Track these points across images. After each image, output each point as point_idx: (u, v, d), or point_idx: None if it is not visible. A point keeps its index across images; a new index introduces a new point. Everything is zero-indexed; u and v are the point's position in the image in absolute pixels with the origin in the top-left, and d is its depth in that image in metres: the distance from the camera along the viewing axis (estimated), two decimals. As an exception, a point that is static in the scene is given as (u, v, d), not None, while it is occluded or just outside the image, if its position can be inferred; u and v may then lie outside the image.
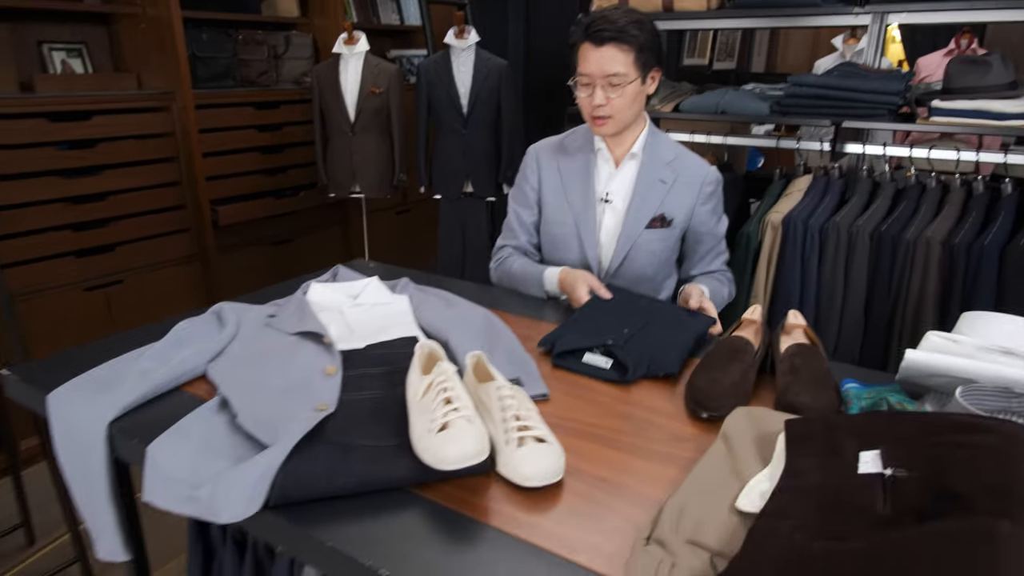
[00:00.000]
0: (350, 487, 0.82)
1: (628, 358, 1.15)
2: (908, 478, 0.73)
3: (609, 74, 1.43)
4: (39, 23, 2.73)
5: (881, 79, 1.88)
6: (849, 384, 1.04)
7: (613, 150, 1.58)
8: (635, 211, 1.56)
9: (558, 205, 1.62)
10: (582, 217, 1.59)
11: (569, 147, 1.63)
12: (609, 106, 1.45)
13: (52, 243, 2.56)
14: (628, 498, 0.85)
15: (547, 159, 1.64)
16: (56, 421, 1.02)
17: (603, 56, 1.42)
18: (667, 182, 1.56)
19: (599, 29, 1.41)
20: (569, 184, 1.61)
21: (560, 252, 1.64)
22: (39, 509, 2.28)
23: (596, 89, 1.45)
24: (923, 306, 1.80)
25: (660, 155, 1.57)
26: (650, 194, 1.56)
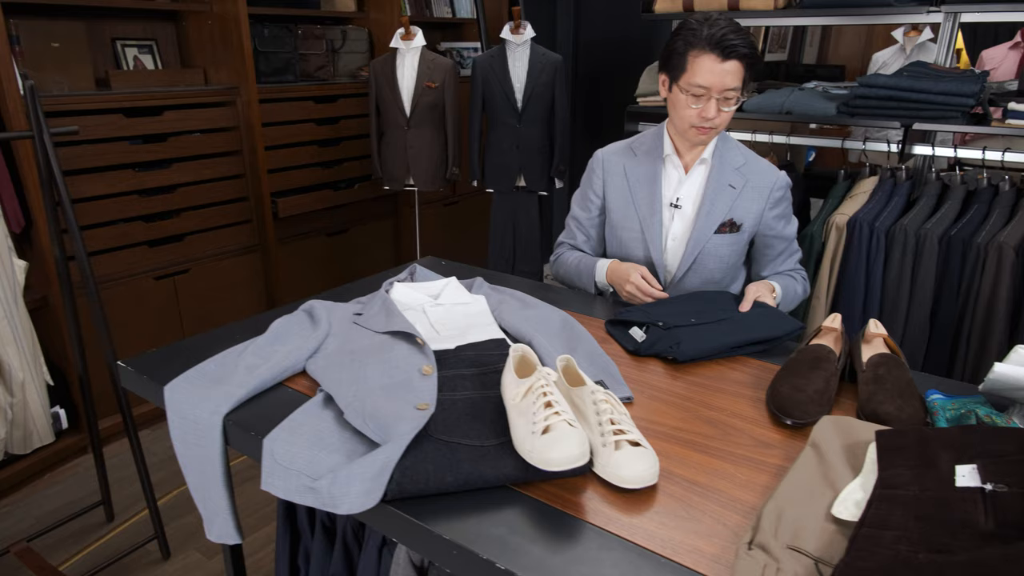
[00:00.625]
0: (458, 484, 0.88)
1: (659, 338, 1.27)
2: (1009, 493, 0.75)
3: (728, 88, 1.42)
4: (112, 20, 2.83)
5: (955, 80, 1.86)
6: (934, 395, 1.05)
7: (683, 156, 1.60)
8: (705, 216, 1.57)
9: (625, 209, 1.65)
10: (648, 221, 1.61)
11: (637, 151, 1.65)
12: (719, 118, 1.46)
13: (126, 234, 2.68)
14: (721, 502, 0.88)
15: (613, 164, 1.67)
16: (172, 411, 1.09)
17: (727, 70, 1.40)
18: (736, 187, 1.57)
19: (731, 44, 1.38)
20: (636, 188, 1.63)
21: (627, 255, 1.67)
22: (118, 486, 2.41)
23: (711, 101, 1.44)
24: (993, 313, 1.78)
25: (730, 160, 1.58)
26: (719, 199, 1.57)
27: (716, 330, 1.31)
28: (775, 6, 2.14)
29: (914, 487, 0.81)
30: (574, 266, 1.69)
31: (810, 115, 2.11)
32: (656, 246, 1.61)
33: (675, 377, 1.21)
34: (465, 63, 3.97)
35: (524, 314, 1.35)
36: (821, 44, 5.26)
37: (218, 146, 2.92)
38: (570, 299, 1.59)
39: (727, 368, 1.25)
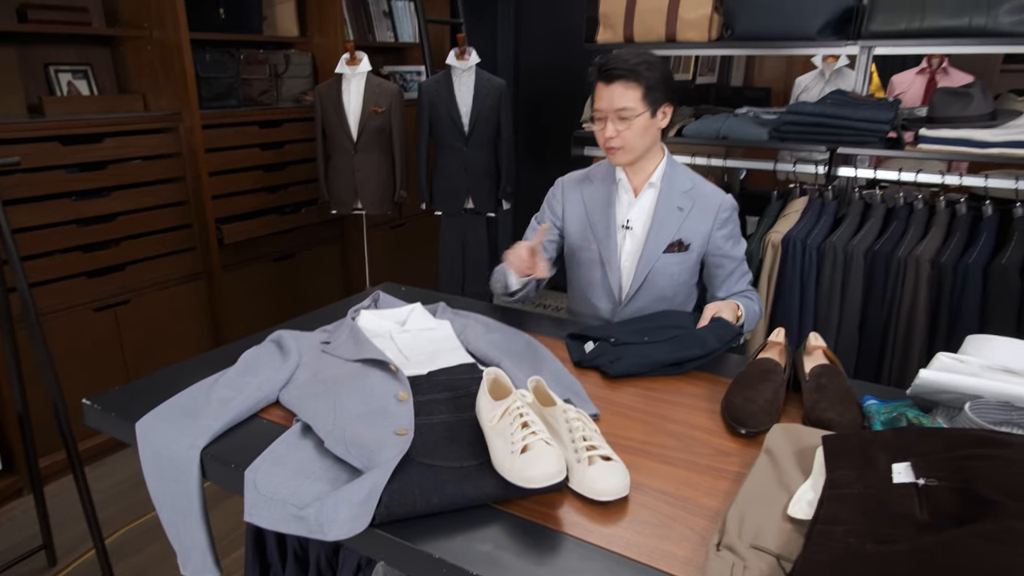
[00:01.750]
0: (443, 505, 0.91)
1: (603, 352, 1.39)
2: (939, 487, 0.84)
3: (618, 108, 1.55)
4: (45, 46, 2.76)
5: (872, 108, 2.03)
6: (869, 400, 1.16)
7: (632, 180, 1.70)
8: (654, 236, 1.67)
9: (583, 232, 1.74)
10: (604, 243, 1.70)
11: (593, 178, 1.76)
12: (619, 138, 1.58)
13: (63, 265, 2.59)
14: (688, 508, 0.95)
15: (572, 189, 1.77)
16: (146, 447, 1.09)
17: (613, 92, 1.55)
18: (684, 209, 1.67)
19: (610, 68, 1.56)
20: (592, 212, 1.72)
21: (585, 275, 1.76)
22: (60, 528, 2.31)
23: (608, 123, 1.58)
24: (914, 321, 1.94)
25: (678, 184, 1.68)
26: (668, 220, 1.67)
27: (660, 349, 1.38)
28: (708, 38, 2.29)
29: (858, 485, 0.89)
30: (500, 268, 1.72)
31: (744, 140, 2.25)
32: (612, 266, 1.70)
33: (636, 394, 1.29)
34: (408, 86, 4.01)
35: (489, 338, 1.40)
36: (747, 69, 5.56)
37: (160, 173, 2.86)
38: (531, 321, 1.65)
39: (683, 383, 1.33)
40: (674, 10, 2.31)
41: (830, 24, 2.12)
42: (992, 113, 1.97)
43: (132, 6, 2.84)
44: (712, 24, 2.29)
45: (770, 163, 2.36)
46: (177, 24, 2.76)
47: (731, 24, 2.29)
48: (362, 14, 3.83)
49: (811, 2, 2.09)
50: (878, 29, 2.06)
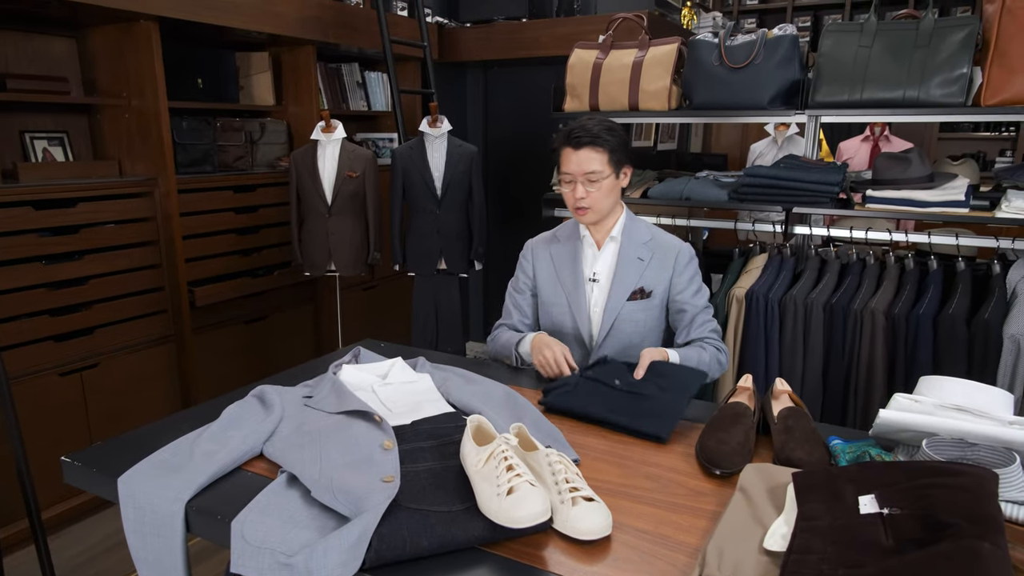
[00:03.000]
0: (432, 548, 0.93)
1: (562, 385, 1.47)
2: (902, 515, 0.90)
3: (587, 172, 1.67)
4: (21, 113, 2.80)
5: (822, 171, 2.17)
6: (835, 441, 1.22)
7: (595, 235, 1.82)
8: (617, 286, 1.77)
9: (553, 287, 1.84)
10: (573, 295, 1.80)
11: (560, 237, 1.88)
12: (589, 199, 1.70)
13: (30, 329, 2.56)
14: (669, 546, 0.99)
15: (541, 250, 1.88)
16: (128, 503, 1.08)
17: (581, 157, 1.68)
18: (644, 259, 1.78)
19: (578, 136, 1.68)
20: (561, 268, 1.83)
21: (558, 328, 1.84)
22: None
23: (577, 185, 1.70)
24: (873, 369, 2.03)
25: (637, 237, 1.80)
26: (629, 270, 1.77)
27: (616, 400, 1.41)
28: (668, 107, 2.44)
29: (828, 517, 0.94)
30: (504, 339, 1.83)
31: (706, 201, 2.38)
32: (582, 317, 1.79)
33: (612, 439, 1.33)
34: (381, 152, 4.13)
35: (470, 389, 1.44)
36: (705, 136, 5.85)
37: (133, 237, 2.87)
38: (508, 374, 1.69)
39: (657, 429, 1.38)
40: (636, 82, 2.47)
41: (780, 95, 2.29)
42: (930, 175, 2.13)
43: (111, 76, 2.92)
44: (671, 95, 2.45)
45: (731, 223, 2.48)
46: (156, 93, 2.84)
47: (689, 95, 2.45)
48: (336, 84, 3.97)
49: (762, 76, 2.26)
50: (823, 100, 2.24)
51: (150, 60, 2.80)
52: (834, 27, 2.23)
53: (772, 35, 2.26)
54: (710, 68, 2.33)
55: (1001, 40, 1.98)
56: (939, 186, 2.08)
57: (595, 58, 2.56)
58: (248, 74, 3.55)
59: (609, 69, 2.52)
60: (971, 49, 2.03)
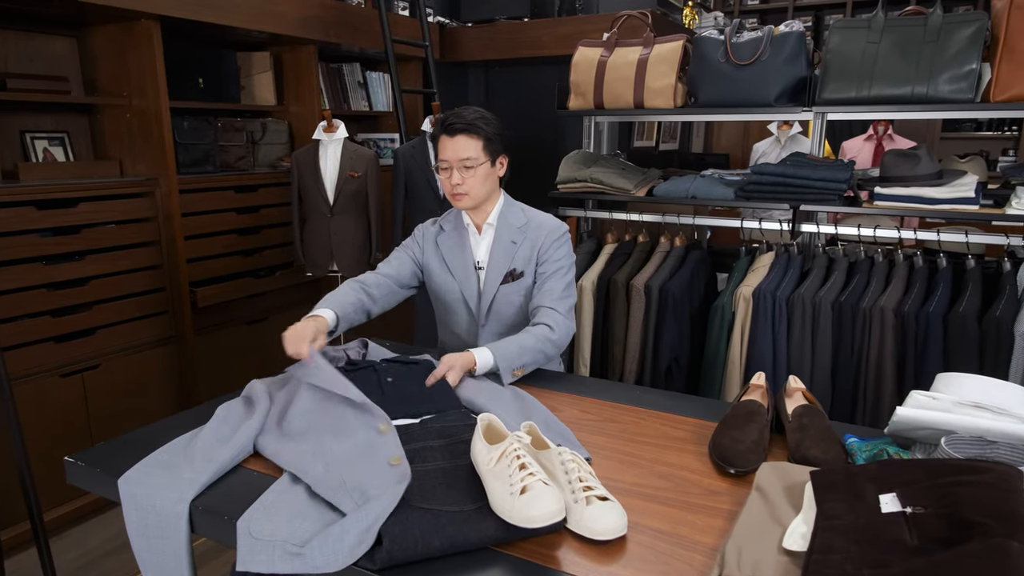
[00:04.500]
0: (444, 548, 0.91)
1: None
2: (925, 513, 0.88)
3: (462, 158, 1.71)
4: (22, 113, 2.78)
5: (829, 168, 2.16)
6: (851, 439, 1.20)
7: (475, 222, 1.86)
8: (492, 270, 1.83)
9: (443, 276, 1.87)
10: (465, 283, 1.85)
11: (445, 226, 1.90)
12: (464, 185, 1.73)
13: (30, 330, 2.53)
14: (685, 546, 0.97)
15: (427, 238, 1.90)
16: (130, 504, 1.06)
17: (457, 145, 1.72)
18: (517, 242, 1.83)
19: (452, 123, 1.73)
20: (450, 257, 1.86)
21: (452, 316, 1.89)
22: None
23: (453, 171, 1.73)
24: (883, 368, 2.01)
25: (512, 221, 1.85)
26: (503, 254, 1.82)
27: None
28: (674, 105, 2.42)
29: (849, 516, 0.92)
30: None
31: (712, 199, 2.36)
32: (474, 302, 1.84)
33: (625, 439, 1.31)
34: (383, 153, 4.11)
35: (479, 387, 1.42)
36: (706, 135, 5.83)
37: (135, 237, 2.85)
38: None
39: (669, 428, 1.36)
40: (641, 79, 2.45)
41: (786, 92, 2.27)
42: (939, 172, 2.12)
43: (112, 76, 2.90)
44: (677, 92, 2.43)
45: (735, 221, 2.46)
46: (157, 93, 2.82)
47: (694, 93, 2.43)
48: (338, 84, 3.95)
49: (768, 72, 2.24)
50: (830, 96, 2.22)
51: (151, 59, 2.78)
52: (841, 23, 2.21)
53: (779, 32, 2.24)
54: (716, 65, 2.32)
55: (1010, 36, 1.96)
56: (948, 183, 2.06)
57: (599, 56, 2.55)
58: (249, 74, 3.53)
59: (614, 67, 2.50)
60: (980, 45, 2.02)
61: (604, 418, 1.40)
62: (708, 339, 2.29)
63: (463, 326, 1.89)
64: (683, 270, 2.42)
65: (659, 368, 2.37)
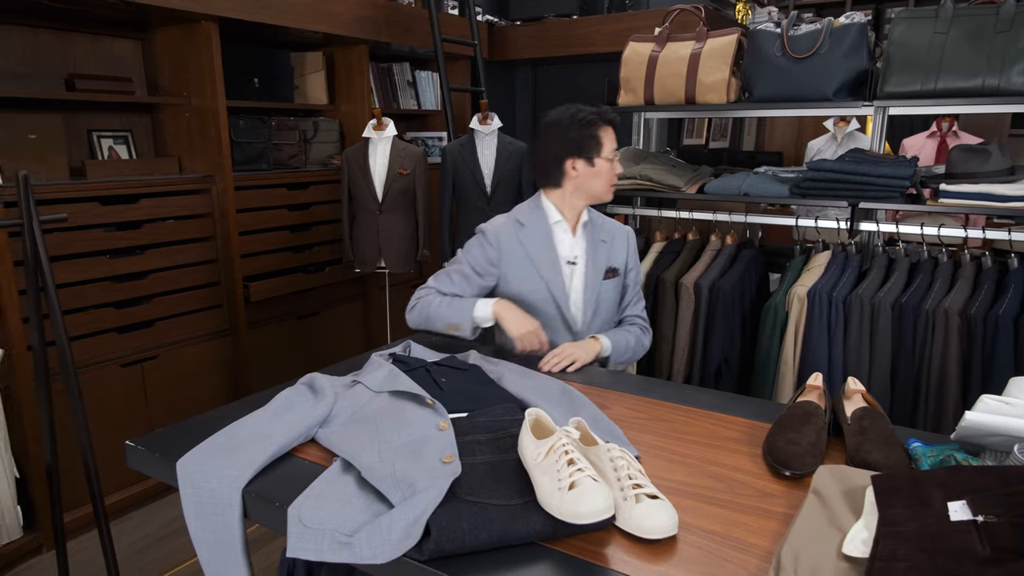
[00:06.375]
0: (492, 541, 0.91)
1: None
2: (999, 523, 0.83)
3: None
4: (89, 113, 2.89)
5: (891, 164, 2.07)
6: (915, 443, 1.15)
7: (570, 220, 1.82)
8: (593, 267, 1.82)
9: (526, 273, 1.79)
10: (553, 280, 1.79)
11: (524, 222, 1.82)
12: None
13: (95, 320, 2.64)
14: (739, 548, 0.94)
15: (506, 236, 1.80)
16: (186, 484, 1.09)
17: (612, 135, 1.77)
18: (607, 241, 1.86)
19: (609, 115, 1.76)
20: (534, 253, 1.79)
21: (537, 314, 1.78)
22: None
23: (615, 162, 1.77)
24: (946, 373, 1.92)
25: (595, 221, 1.88)
26: (600, 252, 1.84)
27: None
28: (727, 100, 2.37)
29: (913, 523, 0.88)
30: (441, 304, 1.73)
31: (766, 196, 2.30)
32: (563, 300, 1.80)
33: (675, 438, 1.28)
34: (431, 151, 4.14)
35: (525, 383, 1.41)
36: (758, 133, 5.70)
37: (192, 232, 2.94)
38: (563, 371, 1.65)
39: (720, 428, 1.32)
40: (693, 75, 2.40)
41: (845, 86, 2.19)
42: (1011, 168, 2.01)
43: (173, 76, 3.00)
44: (730, 87, 2.38)
45: (790, 219, 2.39)
46: (215, 93, 2.90)
47: (749, 88, 2.37)
48: (387, 84, 4.00)
49: (827, 66, 2.17)
50: (893, 90, 2.13)
51: (210, 60, 2.87)
52: (906, 13, 2.13)
53: (839, 23, 2.17)
54: (772, 59, 2.25)
55: (1091, 24, 1.86)
56: (1021, 179, 1.96)
57: (651, 51, 2.51)
58: (302, 73, 3.61)
59: (665, 62, 2.46)
60: (1057, 34, 1.91)
61: (653, 416, 1.37)
62: (760, 340, 2.23)
63: (553, 326, 1.80)
64: (734, 269, 2.37)
65: (708, 368, 2.32)
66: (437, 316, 1.73)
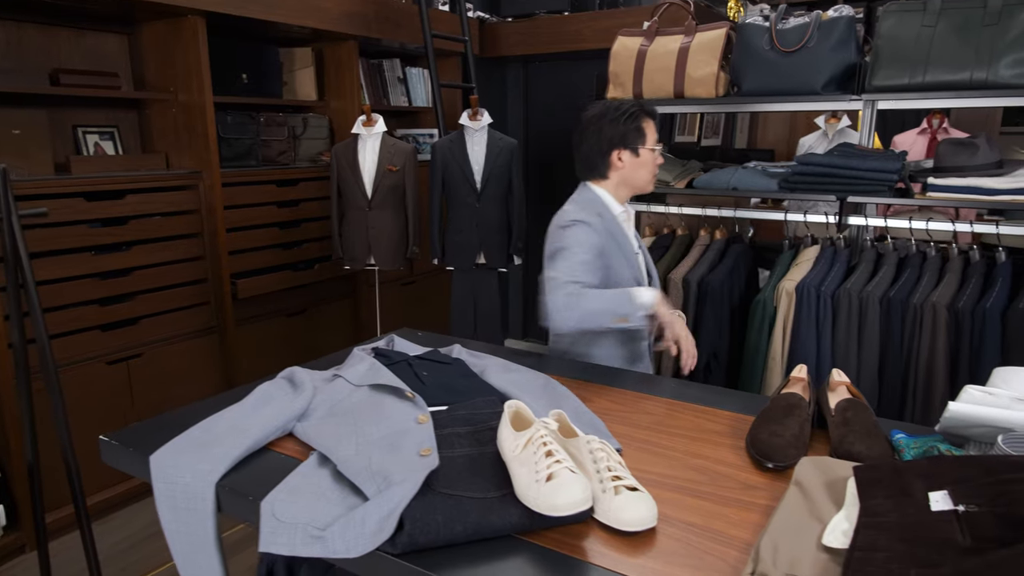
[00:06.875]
0: (467, 534, 0.89)
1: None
2: (979, 512, 0.82)
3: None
4: (75, 108, 2.87)
5: (880, 158, 2.06)
6: (898, 435, 1.14)
7: (619, 209, 1.82)
8: (645, 253, 1.89)
9: (618, 262, 1.76)
10: (636, 269, 1.81)
11: (602, 214, 1.78)
12: None
13: (79, 318, 2.61)
14: (718, 540, 0.92)
15: (596, 223, 1.74)
16: (160, 479, 1.07)
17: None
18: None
19: (650, 107, 1.77)
20: (621, 241, 1.78)
21: None
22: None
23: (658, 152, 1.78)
24: (934, 366, 1.92)
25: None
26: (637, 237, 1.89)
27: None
28: (716, 94, 2.36)
29: (895, 514, 0.87)
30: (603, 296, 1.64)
31: (754, 190, 2.29)
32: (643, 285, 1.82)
33: (657, 430, 1.26)
34: (421, 148, 4.12)
35: (508, 376, 1.40)
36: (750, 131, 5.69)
37: (178, 229, 2.92)
38: (548, 364, 1.63)
39: (703, 420, 1.31)
40: (682, 69, 2.39)
41: (834, 80, 2.18)
42: (999, 162, 2.01)
43: (159, 71, 2.97)
44: (719, 81, 2.36)
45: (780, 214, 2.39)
46: (202, 88, 2.88)
47: (738, 82, 2.36)
48: (377, 80, 3.98)
49: (816, 59, 2.16)
50: (881, 84, 2.12)
51: (196, 55, 2.84)
52: (895, 6, 2.12)
53: (827, 17, 2.16)
54: (760, 52, 2.24)
55: (1078, 17, 1.85)
56: (1009, 173, 1.95)
57: (639, 45, 2.50)
58: (291, 69, 3.58)
59: (654, 56, 2.45)
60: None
61: (637, 410, 1.36)
62: (748, 334, 2.22)
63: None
64: (723, 264, 2.36)
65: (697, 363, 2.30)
66: (603, 310, 1.61)
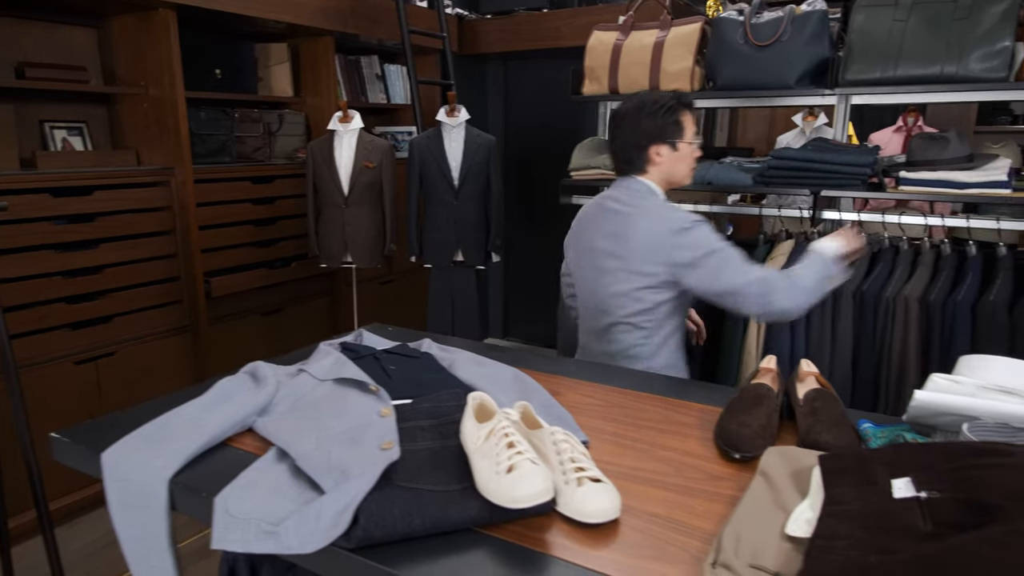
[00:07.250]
0: (425, 527, 0.87)
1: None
2: (941, 498, 0.81)
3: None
4: (42, 103, 2.81)
5: (853, 153, 2.07)
6: (865, 424, 1.13)
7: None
8: None
9: None
10: None
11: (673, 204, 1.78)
12: None
13: (45, 316, 2.55)
14: (682, 531, 0.91)
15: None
16: (111, 477, 1.04)
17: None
18: None
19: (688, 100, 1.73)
20: None
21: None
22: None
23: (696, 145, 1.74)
24: (906, 359, 1.92)
25: None
26: None
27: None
28: (691, 89, 2.35)
29: (858, 502, 0.86)
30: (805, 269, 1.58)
31: (730, 185, 2.29)
32: None
33: (626, 422, 1.25)
34: (400, 146, 4.09)
35: (477, 371, 1.38)
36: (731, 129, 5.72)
37: (149, 226, 2.87)
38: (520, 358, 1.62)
39: (672, 412, 1.30)
40: (657, 63, 2.38)
41: (808, 74, 2.19)
42: (969, 156, 2.02)
43: (130, 65, 2.92)
44: (694, 76, 2.36)
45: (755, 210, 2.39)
46: (173, 83, 2.83)
47: (712, 76, 2.36)
48: (355, 77, 3.94)
49: (789, 53, 2.16)
50: (854, 78, 2.13)
51: (167, 49, 2.79)
52: (867, 1, 2.13)
53: (800, 11, 2.16)
54: (735, 46, 2.24)
55: (1046, 11, 1.87)
56: (979, 167, 1.96)
57: (615, 39, 2.49)
58: (267, 65, 3.54)
59: (629, 50, 2.44)
60: (1013, 21, 1.92)
61: (606, 402, 1.34)
62: (723, 329, 2.22)
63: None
64: (699, 259, 2.34)
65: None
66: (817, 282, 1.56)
